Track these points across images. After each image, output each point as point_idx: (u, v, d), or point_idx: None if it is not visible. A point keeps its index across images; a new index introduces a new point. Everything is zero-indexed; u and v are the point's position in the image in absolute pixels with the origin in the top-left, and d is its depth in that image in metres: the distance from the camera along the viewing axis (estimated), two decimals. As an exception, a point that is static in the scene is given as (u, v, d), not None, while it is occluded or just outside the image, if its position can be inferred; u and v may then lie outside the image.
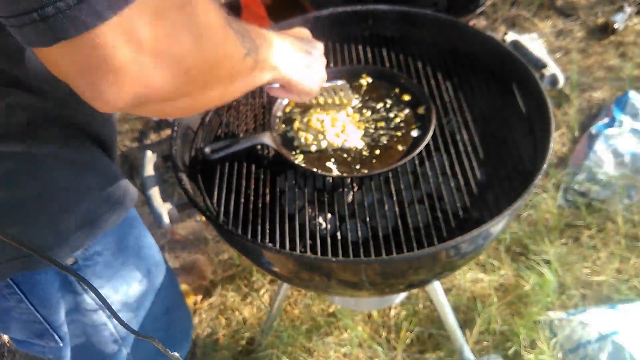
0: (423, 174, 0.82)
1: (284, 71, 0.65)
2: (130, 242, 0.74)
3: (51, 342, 0.71)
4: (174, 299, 0.87)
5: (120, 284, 0.73)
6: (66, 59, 0.38)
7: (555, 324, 1.31)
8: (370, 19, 1.06)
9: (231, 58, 0.49)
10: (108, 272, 0.71)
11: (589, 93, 1.97)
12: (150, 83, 0.40)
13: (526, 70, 0.88)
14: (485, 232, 0.69)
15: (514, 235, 1.51)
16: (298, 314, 1.41)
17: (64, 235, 0.62)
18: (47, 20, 0.34)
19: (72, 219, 0.62)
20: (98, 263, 0.68)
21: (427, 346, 1.33)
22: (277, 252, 0.72)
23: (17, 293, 0.64)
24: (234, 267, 1.57)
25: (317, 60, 0.73)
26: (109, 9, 0.35)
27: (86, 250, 0.66)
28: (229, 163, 0.88)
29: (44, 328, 0.69)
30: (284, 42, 0.67)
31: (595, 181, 1.60)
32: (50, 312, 0.68)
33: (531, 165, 0.80)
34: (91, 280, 0.68)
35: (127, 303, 0.76)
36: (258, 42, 0.56)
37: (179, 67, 0.41)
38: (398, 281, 0.80)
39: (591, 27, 2.25)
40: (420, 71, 0.98)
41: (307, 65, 0.71)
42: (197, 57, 0.42)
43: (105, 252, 0.69)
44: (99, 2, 0.35)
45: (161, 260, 0.82)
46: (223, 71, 0.49)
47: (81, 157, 0.62)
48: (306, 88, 0.71)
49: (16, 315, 0.67)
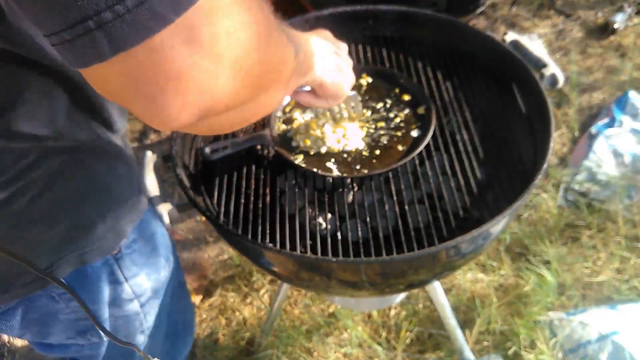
0: (423, 174, 0.82)
1: (318, 73, 0.63)
2: (154, 230, 0.75)
3: (94, 338, 0.72)
4: (178, 287, 0.88)
5: (152, 271, 0.74)
6: (120, 73, 0.34)
7: (555, 324, 1.31)
8: (370, 19, 1.06)
9: (285, 58, 0.47)
10: (142, 260, 0.71)
11: (589, 93, 1.97)
12: (213, 89, 0.36)
13: (526, 70, 0.88)
14: (485, 232, 0.69)
15: (514, 235, 1.51)
16: (298, 314, 1.41)
17: (111, 224, 0.64)
18: (104, 28, 0.30)
19: (116, 207, 0.64)
20: (135, 251, 0.69)
21: (427, 346, 1.33)
22: (277, 252, 0.72)
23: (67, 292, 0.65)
24: (234, 267, 1.57)
25: (345, 61, 0.71)
26: (171, 11, 0.32)
27: (127, 238, 0.67)
28: (229, 163, 0.88)
29: (90, 324, 0.69)
30: (315, 43, 0.65)
31: (595, 181, 1.60)
32: (99, 307, 0.69)
33: (531, 165, 0.81)
34: (130, 267, 0.70)
35: (156, 290, 0.76)
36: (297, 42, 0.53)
37: (240, 69, 0.37)
38: (398, 281, 0.80)
39: (591, 27, 2.26)
40: (420, 71, 0.98)
41: (338, 66, 0.68)
42: (257, 58, 0.39)
43: (140, 240, 0.70)
44: (161, 2, 0.31)
45: (173, 247, 0.83)
46: (280, 72, 0.46)
47: (112, 148, 0.63)
48: (338, 91, 0.69)
49: (62, 316, 0.68)
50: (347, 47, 0.75)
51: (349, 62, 0.72)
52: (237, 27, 0.36)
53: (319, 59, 0.64)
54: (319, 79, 0.64)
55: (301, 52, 0.54)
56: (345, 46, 0.74)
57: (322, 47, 0.66)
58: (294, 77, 0.52)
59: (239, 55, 0.37)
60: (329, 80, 0.66)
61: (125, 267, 0.69)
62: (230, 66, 0.36)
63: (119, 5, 0.30)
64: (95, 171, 0.61)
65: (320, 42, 0.67)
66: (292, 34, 0.53)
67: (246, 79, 0.38)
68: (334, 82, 0.67)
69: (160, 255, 0.77)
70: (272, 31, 0.41)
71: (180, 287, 0.91)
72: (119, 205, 0.65)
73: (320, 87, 0.66)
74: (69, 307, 0.67)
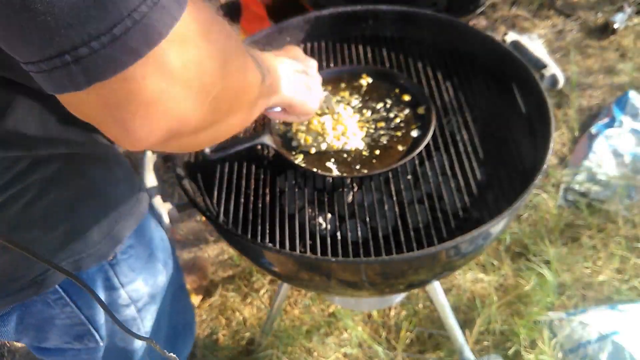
0: (423, 174, 0.82)
1: (287, 94, 0.66)
2: (152, 235, 0.75)
3: (91, 343, 0.72)
4: (178, 291, 0.88)
5: (150, 276, 0.74)
6: (95, 100, 0.35)
7: (556, 324, 1.31)
8: (370, 19, 1.06)
9: (252, 84, 0.49)
10: (139, 265, 0.71)
11: (589, 93, 1.97)
12: (181, 114, 0.38)
13: (526, 70, 0.88)
14: (485, 232, 0.69)
15: (514, 235, 1.51)
16: (298, 314, 1.42)
17: (107, 230, 0.64)
18: (80, 62, 0.32)
19: (112, 213, 0.64)
20: (132, 256, 0.69)
21: (427, 346, 1.33)
22: (277, 252, 0.73)
23: (63, 297, 0.65)
24: (234, 267, 1.57)
25: (314, 79, 0.74)
26: (144, 45, 0.33)
27: (123, 244, 0.67)
28: (229, 163, 0.88)
29: (86, 329, 0.69)
30: (284, 65, 0.67)
31: (595, 181, 1.60)
32: (94, 313, 0.69)
33: (531, 165, 0.80)
34: (127, 273, 0.70)
35: (153, 295, 0.76)
36: (265, 66, 0.56)
37: (206, 95, 0.40)
38: (398, 281, 0.81)
39: (591, 27, 2.26)
40: (420, 71, 0.98)
41: (307, 86, 0.71)
42: (223, 84, 0.41)
43: (137, 245, 0.70)
44: (134, 38, 0.33)
45: (171, 251, 0.83)
46: (246, 97, 0.49)
47: (108, 153, 0.64)
48: (307, 109, 0.72)
49: (58, 321, 0.67)
50: (316, 63, 0.77)
51: (317, 79, 0.75)
52: (206, 56, 0.38)
53: (286, 80, 0.66)
54: (288, 100, 0.67)
55: (268, 76, 0.57)
56: (314, 63, 0.77)
57: (290, 67, 0.69)
58: (261, 99, 0.55)
59: (207, 82, 0.39)
60: (297, 99, 0.68)
61: (122, 272, 0.69)
62: (199, 92, 0.39)
63: (94, 42, 0.32)
64: (90, 177, 0.61)
65: (288, 62, 0.69)
66: (261, 59, 0.55)
67: (213, 104, 0.41)
68: (302, 101, 0.70)
69: (158, 260, 0.77)
70: (239, 58, 0.44)
71: (180, 289, 0.92)
72: (116, 211, 0.65)
73: (289, 106, 0.69)
74: (64, 313, 0.66)
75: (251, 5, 1.70)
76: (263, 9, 1.63)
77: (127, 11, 0.32)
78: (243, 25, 1.79)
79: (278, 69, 0.64)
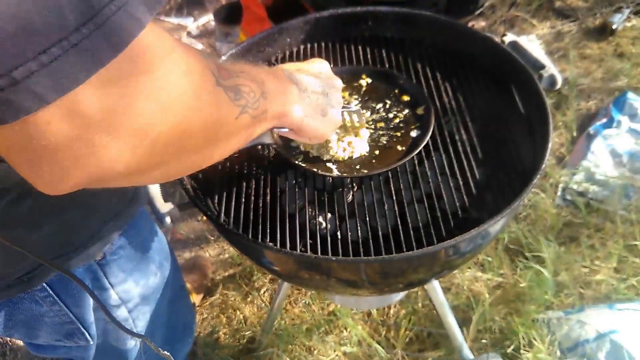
0: (422, 174, 0.83)
1: (296, 117, 0.61)
2: (147, 236, 0.75)
3: (81, 342, 0.72)
4: (176, 292, 0.88)
5: (141, 277, 0.74)
6: (3, 141, 0.33)
7: (554, 322, 1.31)
8: (370, 20, 1.07)
9: (216, 122, 0.43)
10: (130, 266, 0.71)
11: (587, 94, 1.98)
12: (100, 162, 0.34)
13: (525, 71, 0.89)
14: (484, 231, 0.70)
15: (512, 234, 1.52)
16: (298, 313, 1.42)
17: (95, 230, 0.63)
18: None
19: (101, 214, 0.64)
20: (122, 257, 0.69)
21: (426, 345, 1.34)
22: (277, 252, 0.73)
23: (50, 296, 0.65)
24: (235, 266, 1.58)
25: (333, 103, 0.68)
26: (53, 92, 0.30)
27: (112, 244, 0.67)
28: (229, 163, 0.88)
29: (75, 328, 0.70)
30: (300, 84, 0.62)
31: (594, 181, 1.61)
32: (83, 311, 0.69)
33: (530, 165, 0.81)
34: (117, 274, 0.70)
35: (145, 296, 0.77)
36: (263, 87, 0.51)
37: (140, 140, 0.35)
38: (397, 280, 0.81)
39: (589, 28, 2.26)
40: (419, 72, 0.99)
41: (323, 110, 0.66)
42: (164, 129, 0.37)
43: (128, 246, 0.70)
44: (40, 83, 0.29)
45: (168, 253, 0.84)
46: (204, 137, 0.43)
47: None
48: (318, 134, 0.67)
49: (48, 319, 0.68)
50: (340, 83, 0.73)
51: (337, 102, 0.69)
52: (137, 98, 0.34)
53: (300, 101, 0.61)
54: (297, 123, 0.62)
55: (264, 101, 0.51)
56: (339, 83, 0.72)
57: (308, 87, 0.64)
58: (244, 130, 0.50)
59: (137, 127, 0.35)
60: (308, 125, 0.63)
61: (111, 273, 0.69)
62: (126, 139, 0.35)
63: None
64: None
65: (306, 81, 0.64)
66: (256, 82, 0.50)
67: (151, 150, 0.37)
68: (314, 127, 0.64)
69: (152, 261, 0.77)
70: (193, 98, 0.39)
71: (180, 290, 0.91)
72: (104, 212, 0.64)
73: (298, 130, 0.64)
74: (53, 311, 0.67)
75: (252, 6, 1.71)
76: (263, 10, 1.64)
77: (33, 53, 0.29)
78: (244, 26, 1.80)
79: (287, 90, 0.59)
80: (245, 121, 0.48)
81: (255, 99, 0.49)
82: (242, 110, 0.47)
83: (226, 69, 0.45)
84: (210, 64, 0.42)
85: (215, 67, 0.43)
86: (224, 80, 0.44)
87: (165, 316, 0.86)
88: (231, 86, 0.45)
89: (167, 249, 0.83)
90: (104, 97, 0.32)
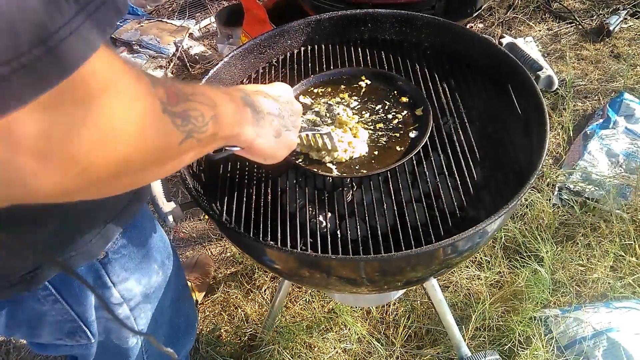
0: (421, 174, 0.84)
1: (247, 138, 0.61)
2: (149, 235, 0.76)
3: (83, 340, 0.72)
4: (178, 291, 0.89)
5: (143, 275, 0.75)
6: None
7: (551, 320, 1.33)
8: (370, 23, 1.08)
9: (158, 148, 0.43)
10: (132, 265, 0.72)
11: (584, 94, 1.99)
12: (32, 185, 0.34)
13: (522, 72, 0.90)
14: (481, 230, 0.71)
15: (509, 233, 1.53)
16: (299, 311, 1.44)
17: (96, 228, 0.64)
18: None
19: (102, 212, 0.64)
20: (124, 256, 0.70)
21: (425, 342, 1.35)
22: (278, 250, 0.74)
23: (52, 294, 0.65)
24: (237, 264, 1.59)
25: (288, 126, 0.69)
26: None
27: (114, 243, 0.68)
28: (231, 163, 0.90)
29: (77, 326, 0.70)
30: (253, 105, 0.62)
31: (590, 181, 1.62)
32: (85, 309, 0.69)
33: (527, 165, 0.82)
34: (119, 272, 0.70)
35: (147, 295, 0.77)
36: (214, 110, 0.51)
37: (71, 167, 0.35)
38: (396, 278, 0.82)
39: (586, 29, 2.28)
40: (418, 73, 1.00)
41: (277, 132, 0.66)
42: (102, 155, 0.37)
43: (130, 245, 0.70)
44: None
45: (171, 252, 0.84)
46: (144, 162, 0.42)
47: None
48: (270, 155, 0.67)
49: (50, 318, 0.68)
50: (300, 108, 0.74)
51: (294, 125, 0.71)
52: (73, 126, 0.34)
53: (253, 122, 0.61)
54: (248, 144, 0.62)
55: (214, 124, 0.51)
56: (299, 107, 0.74)
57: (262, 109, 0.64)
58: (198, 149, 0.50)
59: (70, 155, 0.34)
60: (260, 145, 0.64)
61: (113, 272, 0.70)
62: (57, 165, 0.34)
63: None
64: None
65: (264, 103, 0.65)
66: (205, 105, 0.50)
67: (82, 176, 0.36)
68: (266, 148, 0.65)
69: (154, 260, 0.77)
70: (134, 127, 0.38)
71: (182, 289, 0.92)
72: (107, 211, 0.64)
73: (249, 150, 0.64)
74: (55, 309, 0.67)
75: (253, 8, 1.72)
76: (265, 13, 1.65)
77: None
78: (245, 28, 1.81)
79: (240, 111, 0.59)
80: (190, 145, 0.48)
81: (204, 123, 0.49)
82: (188, 135, 0.46)
83: (177, 94, 0.45)
84: (159, 91, 0.42)
85: (164, 94, 0.43)
86: (171, 106, 0.43)
87: (167, 315, 0.87)
88: (178, 112, 0.45)
89: (170, 248, 0.84)
90: (41, 122, 0.32)
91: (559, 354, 1.27)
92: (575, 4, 2.43)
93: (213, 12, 2.57)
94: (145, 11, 2.72)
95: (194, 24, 2.58)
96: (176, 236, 1.70)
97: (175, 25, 2.51)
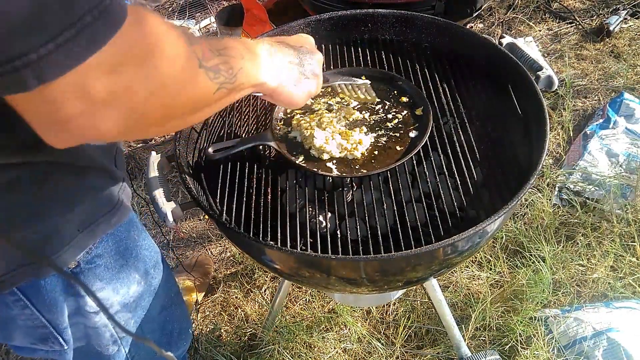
0: (421, 173, 0.84)
1: (270, 86, 0.68)
2: (130, 245, 0.74)
3: (56, 346, 0.72)
4: (169, 298, 0.87)
5: (121, 285, 0.74)
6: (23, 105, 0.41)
7: (551, 320, 1.33)
8: (370, 23, 1.08)
9: (197, 97, 0.52)
10: (108, 275, 0.71)
11: (584, 94, 1.99)
12: (100, 128, 0.43)
13: (522, 72, 0.90)
14: (481, 230, 0.71)
15: (510, 233, 1.53)
16: (299, 311, 1.44)
17: (67, 238, 0.63)
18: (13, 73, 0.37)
19: (75, 222, 0.63)
20: (99, 266, 0.69)
21: (425, 342, 1.35)
22: (278, 250, 0.74)
23: (21, 300, 0.65)
24: (237, 264, 1.59)
25: (308, 74, 0.75)
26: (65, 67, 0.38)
27: (88, 253, 0.67)
28: (231, 163, 0.89)
29: (49, 332, 0.69)
30: (275, 56, 0.69)
31: (590, 181, 1.62)
32: (55, 316, 0.68)
33: (527, 165, 0.82)
34: (93, 282, 0.69)
35: (126, 304, 0.77)
36: (241, 63, 0.59)
37: (132, 114, 0.44)
38: (396, 278, 0.82)
39: (586, 29, 2.28)
40: (418, 73, 1.00)
41: (296, 79, 0.73)
42: (154, 104, 0.46)
43: (106, 255, 0.70)
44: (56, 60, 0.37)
45: (159, 261, 0.83)
46: (185, 109, 0.52)
47: (80, 160, 0.62)
48: (290, 101, 0.73)
49: (20, 322, 0.68)
50: (320, 57, 0.78)
51: (312, 74, 0.76)
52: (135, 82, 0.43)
53: (274, 71, 0.68)
54: (271, 91, 0.70)
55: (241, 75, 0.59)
56: (319, 56, 0.78)
57: (283, 58, 0.71)
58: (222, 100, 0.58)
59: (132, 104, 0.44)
60: (279, 91, 0.71)
61: (87, 281, 0.69)
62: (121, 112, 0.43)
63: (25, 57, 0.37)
64: (56, 184, 0.60)
65: (284, 52, 0.72)
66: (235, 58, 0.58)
67: (140, 119, 0.46)
68: (286, 95, 0.72)
69: (135, 270, 0.76)
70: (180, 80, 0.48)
71: (174, 296, 0.90)
72: (79, 221, 0.64)
73: (272, 95, 0.71)
74: (24, 315, 0.66)
75: (253, 8, 1.72)
76: (265, 13, 1.65)
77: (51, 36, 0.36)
78: (245, 28, 1.81)
79: (261, 62, 0.66)
80: (222, 94, 0.57)
81: (233, 75, 0.58)
82: (220, 86, 0.55)
83: (210, 50, 0.53)
84: (196, 48, 0.50)
85: (200, 50, 0.51)
86: (206, 62, 0.52)
87: (157, 322, 0.85)
88: (212, 67, 0.53)
89: (158, 256, 0.83)
90: (108, 80, 0.41)
91: (559, 354, 1.27)
92: (575, 4, 2.43)
93: (213, 12, 2.57)
94: (146, 11, 2.72)
95: (194, 24, 2.58)
96: (176, 236, 1.70)
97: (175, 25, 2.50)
